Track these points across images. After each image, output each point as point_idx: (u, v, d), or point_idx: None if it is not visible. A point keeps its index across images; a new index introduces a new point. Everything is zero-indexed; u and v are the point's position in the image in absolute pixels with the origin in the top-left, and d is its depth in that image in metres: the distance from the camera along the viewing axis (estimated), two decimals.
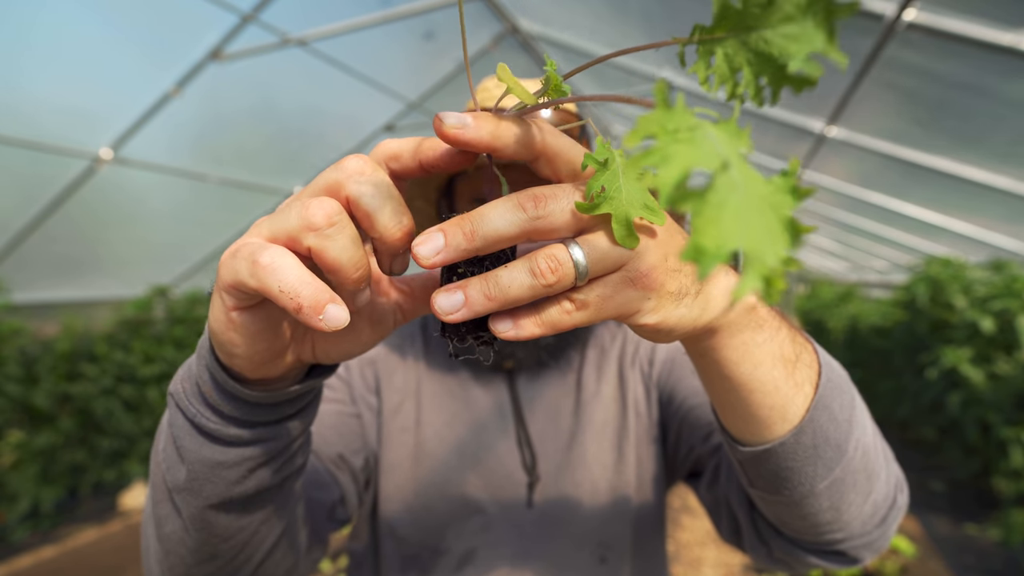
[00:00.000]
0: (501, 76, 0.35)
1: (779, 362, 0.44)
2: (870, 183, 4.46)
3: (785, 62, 0.27)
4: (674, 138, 0.24)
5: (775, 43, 0.27)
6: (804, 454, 0.46)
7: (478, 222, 0.33)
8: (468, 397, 0.78)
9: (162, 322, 4.87)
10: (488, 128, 0.34)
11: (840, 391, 0.48)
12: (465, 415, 0.77)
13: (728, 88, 0.29)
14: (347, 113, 4.54)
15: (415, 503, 0.73)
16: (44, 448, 3.75)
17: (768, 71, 0.28)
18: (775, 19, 0.27)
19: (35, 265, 3.87)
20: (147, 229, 4.46)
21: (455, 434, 0.75)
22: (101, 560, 3.38)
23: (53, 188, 3.52)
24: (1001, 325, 3.60)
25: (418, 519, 0.72)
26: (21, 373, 3.64)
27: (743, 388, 0.44)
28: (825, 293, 9.59)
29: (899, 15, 2.09)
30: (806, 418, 0.45)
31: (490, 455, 0.74)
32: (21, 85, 2.95)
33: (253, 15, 3.07)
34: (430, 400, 0.78)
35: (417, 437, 0.76)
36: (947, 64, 2.37)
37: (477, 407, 0.77)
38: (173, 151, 3.88)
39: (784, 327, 0.45)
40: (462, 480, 0.73)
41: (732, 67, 0.29)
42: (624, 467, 0.78)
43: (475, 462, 0.73)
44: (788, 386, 0.44)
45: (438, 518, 0.72)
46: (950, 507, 3.76)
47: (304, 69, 3.72)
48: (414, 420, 0.77)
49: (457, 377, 0.80)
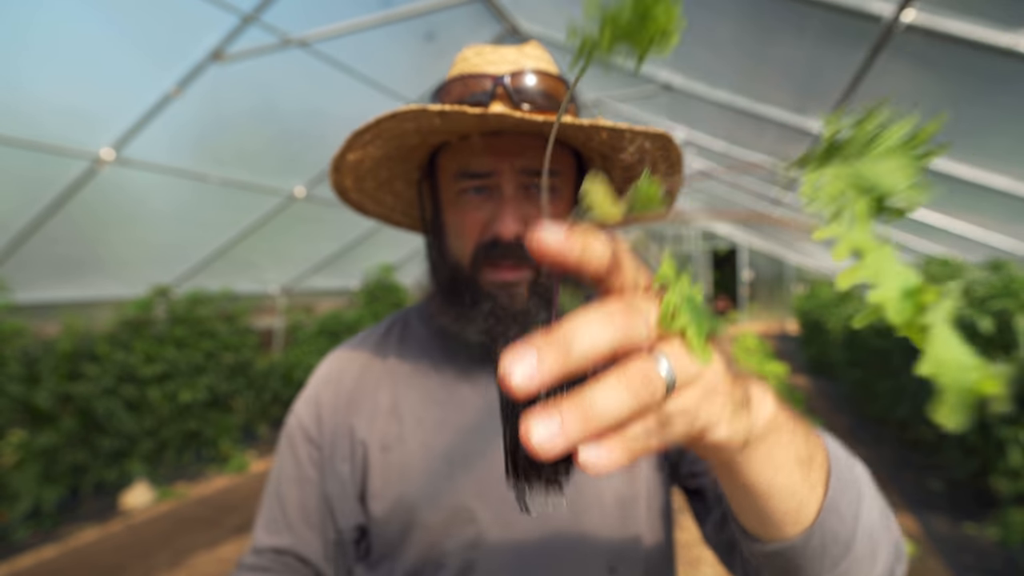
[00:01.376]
0: (590, 194, 0.34)
1: (796, 465, 0.43)
2: None
3: (881, 192, 0.31)
4: (879, 256, 0.29)
5: (874, 174, 0.32)
6: (812, 554, 0.46)
7: (572, 341, 0.30)
8: (454, 401, 0.73)
9: (163, 322, 4.88)
10: (578, 248, 0.32)
11: (847, 486, 0.48)
12: (452, 420, 0.72)
13: (833, 209, 0.32)
14: (348, 114, 4.55)
15: (408, 520, 0.69)
16: (45, 448, 3.75)
17: (866, 197, 0.32)
18: (875, 154, 0.32)
19: (36, 265, 3.88)
20: (148, 229, 4.47)
21: (442, 442, 0.71)
22: (102, 559, 3.39)
23: (54, 188, 3.52)
24: (999, 325, 3.62)
25: (414, 538, 0.69)
26: (22, 373, 3.65)
27: (762, 494, 0.43)
28: (824, 293, 9.61)
29: (897, 16, 2.10)
30: (816, 521, 0.45)
31: (482, 460, 0.69)
32: (21, 85, 2.96)
33: (254, 16, 3.08)
34: (411, 413, 0.73)
35: (402, 455, 0.71)
36: (945, 65, 2.38)
37: (465, 409, 0.72)
38: (174, 152, 3.89)
39: (799, 427, 0.45)
40: (454, 489, 0.69)
41: (837, 191, 0.33)
42: (633, 474, 0.74)
43: (465, 468, 0.69)
44: (804, 489, 0.44)
45: (433, 533, 0.68)
46: (949, 506, 3.77)
47: (305, 70, 3.73)
48: (396, 437, 0.73)
49: (441, 379, 0.75)
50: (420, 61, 4.24)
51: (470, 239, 0.68)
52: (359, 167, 0.72)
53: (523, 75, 0.67)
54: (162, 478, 4.64)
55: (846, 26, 2.42)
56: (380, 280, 7.17)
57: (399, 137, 0.68)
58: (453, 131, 0.66)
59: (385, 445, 0.73)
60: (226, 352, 5.17)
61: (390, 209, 0.85)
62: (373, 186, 0.78)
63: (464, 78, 0.69)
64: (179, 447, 4.85)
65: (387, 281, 7.20)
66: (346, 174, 0.73)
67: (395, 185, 0.80)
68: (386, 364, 0.78)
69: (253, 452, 5.42)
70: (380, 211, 0.85)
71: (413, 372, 0.76)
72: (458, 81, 0.69)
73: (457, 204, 0.69)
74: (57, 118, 3.20)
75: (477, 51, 0.72)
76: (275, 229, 5.23)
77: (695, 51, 3.62)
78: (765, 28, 2.87)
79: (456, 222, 0.69)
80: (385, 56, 4.01)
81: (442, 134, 0.68)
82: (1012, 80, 2.25)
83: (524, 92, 0.67)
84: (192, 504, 4.24)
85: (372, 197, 0.80)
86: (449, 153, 0.70)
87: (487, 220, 0.67)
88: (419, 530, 0.68)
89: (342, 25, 3.12)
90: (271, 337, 6.53)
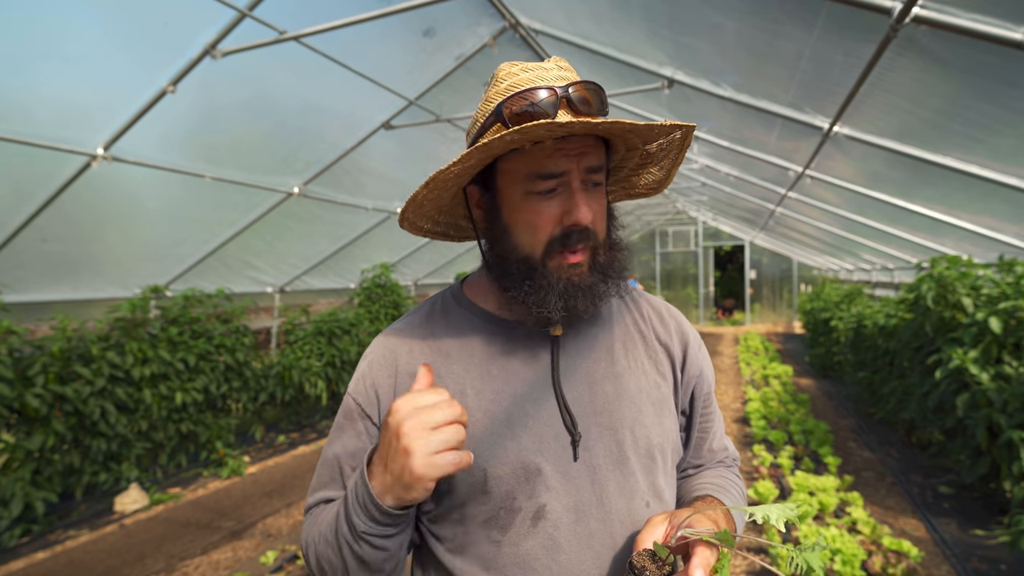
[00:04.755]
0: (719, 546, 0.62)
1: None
2: (876, 181, 4.40)
3: None
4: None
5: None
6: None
7: None
8: (505, 374, 0.84)
9: (157, 322, 4.83)
10: None
11: (740, 525, 0.73)
12: (507, 390, 0.83)
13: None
14: (345, 110, 4.49)
15: (481, 477, 0.80)
16: (37, 450, 3.70)
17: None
18: None
19: (28, 265, 3.83)
20: (142, 228, 4.41)
21: (502, 409, 0.82)
22: (95, 564, 3.33)
23: (47, 186, 3.47)
24: (1010, 325, 3.54)
25: (488, 489, 0.80)
26: (13, 374, 3.59)
27: None
28: (831, 293, 9.52)
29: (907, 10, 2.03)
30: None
31: (538, 422, 0.81)
32: (14, 82, 2.91)
33: (249, 11, 3.02)
34: (470, 386, 0.84)
35: (471, 428, 0.82)
36: (954, 61, 2.31)
37: (516, 381, 0.84)
38: (168, 148, 3.83)
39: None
40: (519, 447, 0.80)
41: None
42: (663, 427, 0.87)
43: (525, 429, 0.81)
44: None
45: (505, 483, 0.79)
46: (957, 510, 3.70)
47: (301, 65, 3.67)
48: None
49: (490, 354, 0.86)
50: (418, 57, 4.17)
51: (544, 232, 0.78)
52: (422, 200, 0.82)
53: (578, 85, 0.77)
54: (156, 481, 4.58)
55: (853, 20, 2.35)
56: (377, 280, 7.11)
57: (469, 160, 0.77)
58: (526, 141, 0.75)
59: None
60: (221, 353, 5.12)
61: (432, 223, 0.95)
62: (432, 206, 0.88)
63: (524, 92, 0.76)
64: (173, 449, 4.79)
65: (384, 281, 7.14)
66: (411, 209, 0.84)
67: (442, 195, 0.87)
68: (435, 344, 0.87)
69: (248, 455, 5.36)
70: (429, 227, 0.94)
71: (463, 350, 0.86)
72: (517, 96, 0.77)
73: (528, 202, 0.79)
74: (50, 115, 3.15)
75: (522, 67, 0.81)
76: (271, 228, 5.17)
77: (700, 46, 3.55)
78: (771, 21, 2.80)
79: (528, 219, 0.79)
80: (383, 52, 3.94)
81: (512, 145, 0.76)
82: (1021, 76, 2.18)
83: (579, 100, 0.76)
84: (186, 507, 4.18)
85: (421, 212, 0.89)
86: (519, 158, 0.78)
87: (560, 213, 0.78)
88: (492, 482, 0.79)
89: (339, 20, 3.06)
90: (267, 337, 6.47)
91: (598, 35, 4.01)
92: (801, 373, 8.75)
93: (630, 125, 0.74)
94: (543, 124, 0.67)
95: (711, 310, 17.03)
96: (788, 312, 15.67)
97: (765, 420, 5.38)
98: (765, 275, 15.93)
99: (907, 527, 3.48)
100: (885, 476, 4.35)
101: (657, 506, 0.85)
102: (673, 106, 4.86)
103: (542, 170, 0.77)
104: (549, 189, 0.77)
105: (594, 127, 0.72)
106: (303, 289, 6.77)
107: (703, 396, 0.94)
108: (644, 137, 0.81)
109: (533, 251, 0.80)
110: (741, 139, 5.06)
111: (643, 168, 0.91)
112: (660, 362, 0.91)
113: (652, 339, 0.92)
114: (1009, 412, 3.31)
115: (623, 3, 3.37)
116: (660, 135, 0.81)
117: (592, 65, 4.48)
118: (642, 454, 0.84)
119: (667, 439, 0.87)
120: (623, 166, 0.92)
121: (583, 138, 0.77)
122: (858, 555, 2.61)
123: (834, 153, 4.06)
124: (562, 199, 0.78)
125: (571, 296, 0.80)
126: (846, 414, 6.25)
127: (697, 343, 0.96)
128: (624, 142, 0.84)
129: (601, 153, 0.80)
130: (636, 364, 0.89)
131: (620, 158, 0.89)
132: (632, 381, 0.87)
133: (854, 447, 5.08)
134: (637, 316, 0.94)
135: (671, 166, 0.89)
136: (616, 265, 0.84)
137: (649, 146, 0.85)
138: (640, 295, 0.98)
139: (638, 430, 0.84)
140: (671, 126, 0.77)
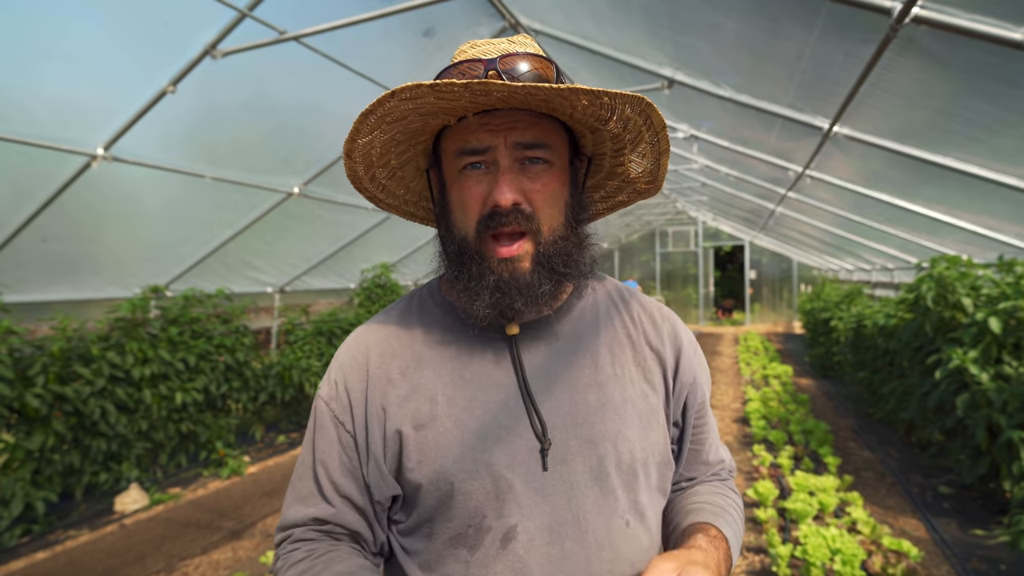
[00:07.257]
0: None
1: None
2: (876, 181, 4.40)
3: None
4: None
5: None
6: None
7: None
8: (479, 380, 0.79)
9: (156, 323, 4.83)
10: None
11: (737, 547, 0.73)
12: (480, 398, 0.78)
13: None
14: (345, 111, 4.48)
15: (448, 490, 0.75)
16: (37, 450, 3.70)
17: None
18: None
19: (28, 265, 3.83)
20: (142, 228, 4.41)
21: (474, 418, 0.77)
22: (95, 564, 3.33)
23: (47, 186, 3.47)
24: (1009, 325, 3.54)
25: (455, 504, 0.75)
26: (13, 374, 3.59)
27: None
28: (830, 293, 9.53)
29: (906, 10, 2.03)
30: None
31: (511, 434, 0.76)
32: (14, 82, 2.91)
33: (249, 11, 3.02)
34: (442, 393, 0.79)
35: (436, 433, 0.77)
36: (954, 61, 2.31)
37: (490, 387, 0.78)
38: (168, 148, 3.83)
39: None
40: (490, 460, 0.74)
41: None
42: (649, 440, 0.81)
43: (498, 441, 0.75)
44: None
45: (474, 498, 0.74)
46: (957, 510, 3.70)
47: (301, 66, 3.66)
48: (428, 416, 0.78)
49: (463, 357, 0.80)
50: (418, 57, 4.17)
51: (473, 212, 0.74)
52: (369, 153, 0.80)
53: (512, 57, 0.73)
54: (156, 481, 4.58)
55: (853, 20, 2.35)
56: (377, 280, 7.11)
57: (402, 120, 0.74)
58: (450, 111, 0.72)
59: (419, 424, 0.77)
60: (221, 353, 5.12)
61: (402, 201, 0.93)
62: (385, 175, 0.86)
63: (459, 64, 0.75)
64: (173, 450, 4.79)
65: (384, 281, 7.14)
66: (358, 160, 0.80)
67: (406, 174, 0.87)
68: (409, 345, 0.83)
69: (249, 455, 5.36)
70: (392, 202, 0.92)
71: (436, 351, 0.81)
72: (453, 68, 0.75)
73: (459, 181, 0.76)
74: (50, 115, 3.15)
75: (472, 44, 0.80)
76: (271, 228, 5.17)
77: (700, 46, 3.55)
78: (771, 21, 2.80)
79: (459, 198, 0.76)
80: (383, 52, 3.94)
81: (441, 116, 0.74)
82: (1021, 77, 2.18)
83: (515, 74, 0.72)
84: (186, 508, 4.18)
85: (385, 188, 0.88)
86: (449, 135, 0.77)
87: (486, 192, 0.74)
88: (460, 496, 0.74)
89: (339, 20, 3.06)
90: (267, 337, 6.48)
91: (598, 35, 4.01)
92: (801, 373, 8.75)
93: (545, 92, 0.66)
94: (438, 84, 0.64)
95: (711, 310, 17.03)
96: (788, 312, 15.66)
97: (765, 420, 5.38)
98: (765, 275, 15.93)
99: (907, 527, 3.48)
100: (885, 476, 4.35)
101: (637, 525, 0.79)
102: (673, 106, 4.86)
103: (465, 145, 0.74)
104: (474, 164, 0.74)
105: (508, 97, 0.67)
106: (303, 289, 6.77)
107: (696, 406, 0.88)
108: (584, 111, 0.73)
109: (467, 232, 0.76)
110: (741, 139, 5.06)
111: (620, 154, 0.83)
112: (649, 370, 0.84)
113: (642, 344, 0.85)
114: (1009, 412, 3.31)
115: (623, 3, 3.38)
116: (603, 109, 0.72)
117: (592, 65, 4.48)
118: (624, 470, 0.78)
119: (652, 453, 0.80)
120: (602, 152, 0.84)
121: (513, 112, 0.73)
122: (858, 555, 2.61)
123: (834, 153, 4.06)
124: (491, 178, 0.74)
125: (505, 293, 0.74)
126: (846, 414, 6.25)
127: (692, 349, 0.89)
128: (582, 123, 0.78)
129: (542, 130, 0.74)
130: (623, 372, 0.82)
131: (593, 143, 0.83)
132: (617, 390, 0.80)
133: (854, 447, 5.09)
134: (627, 319, 0.87)
135: (652, 153, 0.80)
136: (567, 260, 0.77)
137: (609, 126, 0.76)
138: (632, 296, 0.91)
139: (621, 444, 0.77)
140: (599, 92, 0.68)
